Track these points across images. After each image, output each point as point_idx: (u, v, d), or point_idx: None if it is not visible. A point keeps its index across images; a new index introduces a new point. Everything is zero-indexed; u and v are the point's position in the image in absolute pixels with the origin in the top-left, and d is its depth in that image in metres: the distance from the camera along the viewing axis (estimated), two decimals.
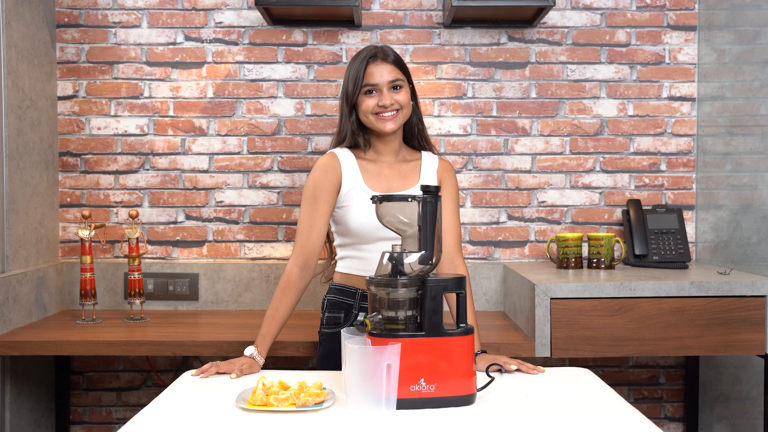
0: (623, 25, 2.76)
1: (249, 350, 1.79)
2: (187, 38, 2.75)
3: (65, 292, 2.73)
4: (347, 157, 1.95)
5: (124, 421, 2.72)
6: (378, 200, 1.52)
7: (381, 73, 1.89)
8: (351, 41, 2.75)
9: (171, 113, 2.75)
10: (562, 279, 2.27)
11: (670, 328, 2.19)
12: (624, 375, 2.84)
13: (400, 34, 2.75)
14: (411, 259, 1.47)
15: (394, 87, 1.90)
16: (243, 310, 2.72)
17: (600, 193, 2.78)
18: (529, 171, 2.77)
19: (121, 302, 2.73)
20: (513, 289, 2.53)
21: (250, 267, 2.74)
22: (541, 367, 1.72)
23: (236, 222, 2.77)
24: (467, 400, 1.45)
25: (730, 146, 2.57)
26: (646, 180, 2.78)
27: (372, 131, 1.95)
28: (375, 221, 1.83)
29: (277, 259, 2.77)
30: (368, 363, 1.35)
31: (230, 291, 2.74)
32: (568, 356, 2.21)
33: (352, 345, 1.38)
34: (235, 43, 2.75)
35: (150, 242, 2.76)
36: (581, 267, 2.55)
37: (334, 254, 2.06)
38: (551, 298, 2.18)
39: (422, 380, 1.42)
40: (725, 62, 2.61)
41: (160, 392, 1.59)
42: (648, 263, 2.58)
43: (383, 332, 1.44)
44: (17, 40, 2.44)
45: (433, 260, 1.48)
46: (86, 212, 2.42)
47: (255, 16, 2.74)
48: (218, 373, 1.70)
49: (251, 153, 2.76)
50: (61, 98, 2.75)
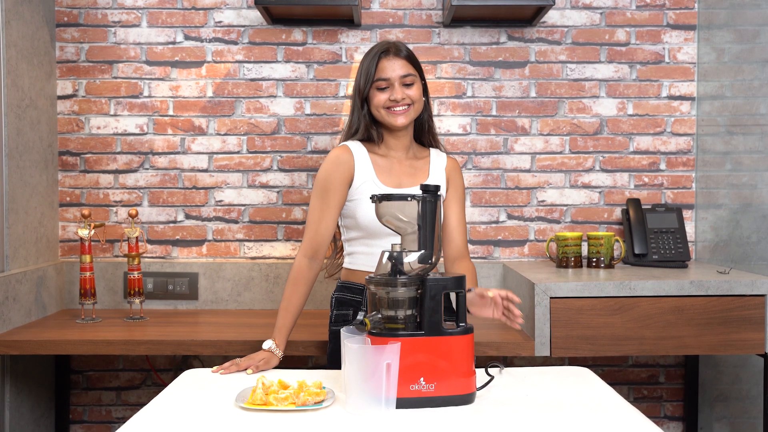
0: (623, 25, 2.76)
1: (267, 344, 1.82)
2: (187, 37, 2.75)
3: (65, 292, 2.73)
4: (360, 151, 1.95)
5: (124, 421, 2.72)
6: (377, 199, 1.52)
7: (393, 68, 1.90)
8: (351, 40, 2.75)
9: (170, 112, 2.75)
10: (562, 278, 2.27)
11: (670, 328, 2.19)
12: (624, 374, 2.84)
13: (400, 34, 2.75)
14: (410, 259, 1.47)
15: (406, 82, 1.90)
16: (242, 310, 2.72)
17: (599, 193, 2.79)
18: (529, 170, 2.77)
19: (121, 301, 2.73)
20: (513, 289, 2.53)
21: (250, 266, 2.74)
22: (521, 318, 1.67)
23: (236, 221, 2.77)
24: (467, 400, 1.45)
25: (730, 145, 2.57)
26: (646, 179, 2.78)
27: (383, 126, 1.96)
28: None
29: (277, 259, 2.77)
30: (368, 362, 1.35)
31: (230, 290, 2.74)
32: (568, 355, 2.21)
33: (352, 344, 1.38)
34: (235, 43, 2.75)
35: (149, 241, 2.76)
36: (581, 266, 2.55)
37: (339, 251, 2.06)
38: (551, 298, 2.18)
39: (422, 379, 1.42)
40: (725, 61, 2.61)
41: (160, 391, 1.59)
42: (647, 262, 2.58)
43: (383, 331, 1.44)
44: (17, 40, 2.44)
45: (433, 259, 1.48)
46: (86, 211, 2.42)
47: (254, 16, 2.74)
48: (238, 370, 1.73)
49: (251, 152, 2.76)
50: (61, 97, 2.75)
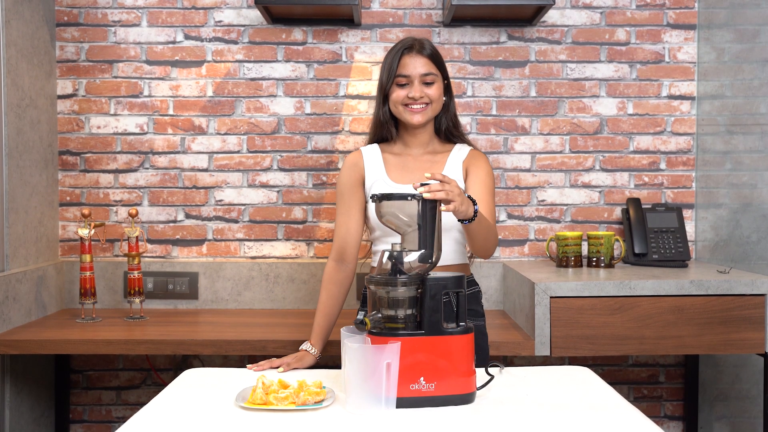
0: (623, 24, 2.76)
1: (303, 345, 1.89)
2: (187, 37, 2.75)
3: (65, 291, 2.73)
4: (372, 152, 1.99)
5: (124, 420, 2.72)
6: (377, 199, 1.52)
7: (414, 65, 1.90)
8: (351, 40, 2.75)
9: (171, 112, 2.75)
10: (562, 278, 2.27)
11: (670, 327, 2.19)
12: (624, 374, 2.84)
13: (400, 33, 2.74)
14: (411, 258, 1.47)
15: (426, 81, 1.90)
16: (243, 309, 2.72)
17: (599, 192, 2.78)
18: (529, 170, 2.77)
19: (121, 301, 2.73)
20: (513, 288, 2.53)
21: (250, 266, 2.74)
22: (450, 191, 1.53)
23: (236, 221, 2.77)
24: (467, 399, 1.45)
25: (730, 145, 2.57)
26: (646, 179, 2.78)
27: (402, 122, 1.97)
28: None
29: (277, 258, 2.77)
30: (368, 362, 1.35)
31: (230, 290, 2.74)
32: (568, 355, 2.21)
33: (352, 344, 1.38)
34: (235, 42, 2.75)
35: (150, 241, 2.76)
36: (581, 266, 2.55)
37: (369, 250, 2.08)
38: (551, 297, 2.18)
39: (422, 379, 1.42)
40: (725, 61, 2.61)
41: (160, 391, 1.59)
42: (648, 262, 2.58)
43: (383, 331, 1.44)
44: (17, 39, 2.44)
45: (433, 259, 1.48)
46: (86, 211, 2.42)
47: (255, 15, 2.74)
48: (271, 368, 1.78)
49: (251, 152, 2.76)
50: (61, 97, 2.75)
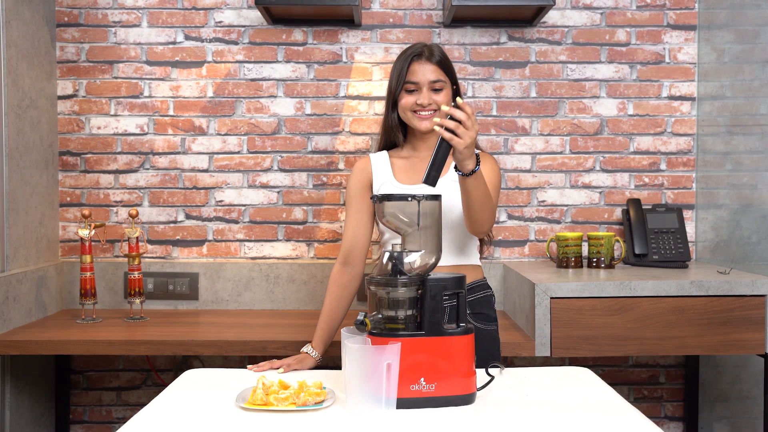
0: (623, 25, 2.76)
1: (305, 348, 1.89)
2: (187, 37, 2.75)
3: (65, 292, 2.73)
4: (380, 157, 2.01)
5: (124, 421, 2.73)
6: (378, 200, 1.52)
7: (423, 73, 1.91)
8: (351, 41, 2.75)
9: (171, 112, 2.75)
10: (562, 278, 2.27)
11: (670, 328, 2.19)
12: (624, 374, 2.84)
13: (400, 34, 2.75)
14: (411, 259, 1.47)
15: (435, 88, 1.91)
16: (243, 310, 2.72)
17: (600, 193, 2.78)
18: (529, 170, 2.77)
19: (121, 301, 2.73)
20: (513, 289, 2.53)
21: (250, 266, 2.74)
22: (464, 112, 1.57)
23: (236, 221, 2.77)
24: (467, 400, 1.45)
25: (730, 145, 2.57)
26: (646, 179, 2.78)
27: (410, 127, 1.99)
28: None
29: (277, 259, 2.77)
30: (368, 362, 1.35)
31: (230, 290, 2.74)
32: (568, 356, 2.21)
33: (352, 344, 1.38)
34: (235, 43, 2.75)
35: (150, 242, 2.76)
36: (581, 266, 2.55)
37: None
38: (551, 298, 2.18)
39: (422, 380, 1.42)
40: (725, 62, 2.61)
41: (160, 392, 1.59)
42: (648, 262, 2.58)
43: (383, 331, 1.44)
44: (17, 40, 2.44)
45: (434, 259, 1.48)
46: (86, 211, 2.42)
47: (255, 16, 2.74)
48: (272, 368, 1.78)
49: (251, 152, 2.76)
50: (61, 97, 2.75)
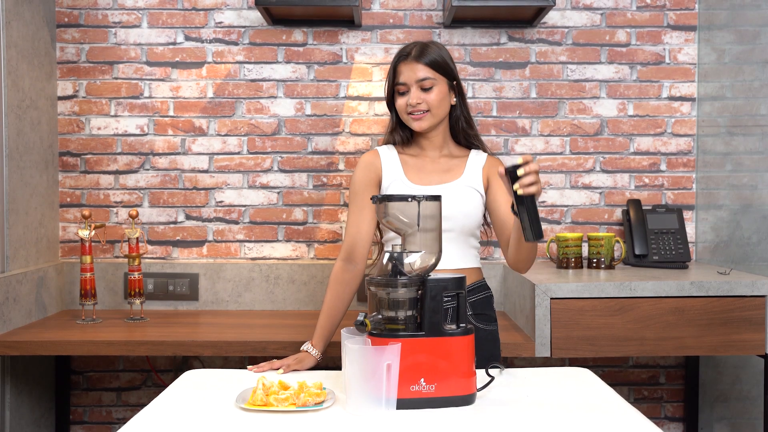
0: (623, 25, 2.76)
1: (304, 345, 1.87)
2: (187, 38, 2.75)
3: (65, 292, 2.73)
4: (389, 153, 1.98)
5: (124, 421, 2.72)
6: (378, 200, 1.52)
7: (410, 72, 1.88)
8: (351, 41, 2.75)
9: (171, 113, 2.75)
10: (562, 279, 2.27)
11: (670, 328, 2.19)
12: (624, 375, 2.84)
13: (400, 34, 2.75)
14: (411, 259, 1.47)
15: (424, 86, 1.88)
16: (243, 310, 2.72)
17: (600, 193, 2.78)
18: None
19: (121, 302, 2.73)
20: (513, 289, 2.53)
21: (250, 267, 2.74)
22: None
23: (236, 222, 2.77)
24: (467, 400, 1.45)
25: (730, 146, 2.57)
26: (646, 180, 2.78)
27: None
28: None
29: (277, 259, 2.77)
30: (368, 363, 1.35)
31: (230, 291, 2.74)
32: (568, 356, 2.21)
33: (352, 345, 1.38)
34: (235, 43, 2.75)
35: (150, 242, 2.76)
36: (581, 267, 2.55)
37: (380, 252, 2.07)
38: (551, 298, 2.18)
39: (422, 380, 1.42)
40: (725, 62, 2.61)
41: (160, 392, 1.59)
42: (648, 263, 2.58)
43: (383, 332, 1.44)
44: (17, 40, 2.44)
45: (434, 260, 1.48)
46: (86, 212, 2.42)
47: (255, 16, 2.74)
48: (272, 369, 1.76)
49: (251, 153, 2.76)
50: (61, 98, 2.75)
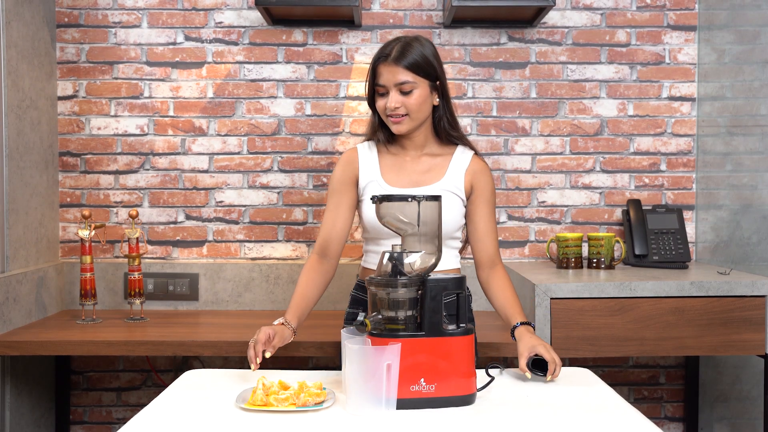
0: (623, 25, 2.76)
1: (279, 320, 1.77)
2: (187, 38, 2.75)
3: (65, 292, 2.73)
4: (368, 152, 1.94)
5: (124, 421, 2.72)
6: (378, 200, 1.52)
7: (389, 75, 1.82)
8: (351, 41, 2.75)
9: (171, 113, 2.75)
10: (562, 279, 2.27)
11: (670, 328, 2.19)
12: (624, 375, 2.84)
13: (400, 34, 2.74)
14: (411, 259, 1.47)
15: (404, 90, 1.82)
16: (243, 310, 2.72)
17: (600, 193, 2.78)
18: (529, 171, 2.77)
19: (121, 302, 2.73)
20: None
21: (250, 267, 2.74)
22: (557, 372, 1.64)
23: (236, 222, 2.77)
24: (467, 400, 1.45)
25: (730, 146, 2.57)
26: (646, 180, 2.78)
27: None
28: None
29: (277, 259, 2.77)
30: (368, 363, 1.35)
31: (230, 291, 2.74)
32: (568, 356, 2.20)
33: (352, 345, 1.38)
34: (235, 43, 2.75)
35: (150, 242, 2.76)
36: (581, 267, 2.55)
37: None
38: (551, 298, 2.18)
39: (422, 380, 1.42)
40: (725, 62, 2.61)
41: (160, 392, 1.59)
42: (648, 263, 2.58)
43: (383, 332, 1.44)
44: (17, 40, 2.44)
45: (434, 260, 1.48)
46: (86, 212, 2.42)
47: (255, 16, 2.74)
48: (259, 358, 1.63)
49: (251, 153, 2.76)
50: (61, 98, 2.75)
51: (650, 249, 2.59)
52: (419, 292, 1.45)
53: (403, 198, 1.49)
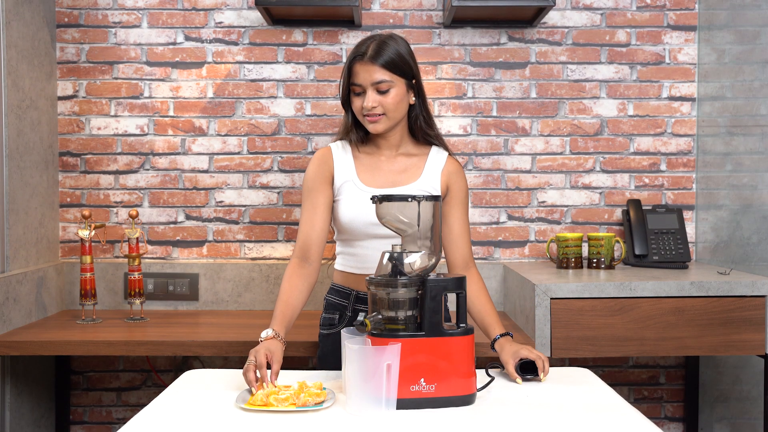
0: (623, 25, 2.76)
1: (266, 332, 1.68)
2: (187, 38, 2.75)
3: (65, 292, 2.73)
4: (342, 151, 1.91)
5: (124, 421, 2.72)
6: (378, 200, 1.52)
7: (365, 74, 1.79)
8: (351, 41, 2.75)
9: (171, 113, 2.75)
10: (562, 279, 2.27)
11: (670, 328, 2.19)
12: (624, 375, 2.84)
13: (400, 34, 2.74)
14: (411, 259, 1.47)
15: (380, 89, 1.79)
16: (243, 310, 2.72)
17: (600, 193, 2.78)
18: (529, 171, 2.77)
19: (121, 302, 2.73)
20: (513, 289, 2.53)
21: (250, 267, 2.74)
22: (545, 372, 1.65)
23: (236, 222, 2.77)
24: (467, 400, 1.45)
25: (730, 146, 2.57)
26: (646, 180, 2.78)
27: None
28: (365, 217, 1.81)
29: (277, 259, 2.77)
30: (368, 363, 1.35)
31: (230, 291, 2.74)
32: (568, 356, 2.20)
33: (352, 345, 1.38)
34: (235, 43, 2.75)
35: (150, 242, 2.76)
36: (581, 267, 2.55)
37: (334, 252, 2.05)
38: (551, 298, 2.18)
39: (422, 380, 1.42)
40: (725, 62, 2.61)
41: (160, 392, 1.59)
42: (648, 263, 2.58)
43: (383, 332, 1.44)
44: (17, 40, 2.44)
45: (434, 260, 1.48)
46: (86, 212, 2.42)
47: (255, 16, 2.74)
48: (260, 380, 1.54)
49: (251, 153, 2.76)
50: (61, 98, 2.75)
51: (650, 249, 2.59)
52: (419, 292, 1.45)
53: (403, 198, 1.49)
